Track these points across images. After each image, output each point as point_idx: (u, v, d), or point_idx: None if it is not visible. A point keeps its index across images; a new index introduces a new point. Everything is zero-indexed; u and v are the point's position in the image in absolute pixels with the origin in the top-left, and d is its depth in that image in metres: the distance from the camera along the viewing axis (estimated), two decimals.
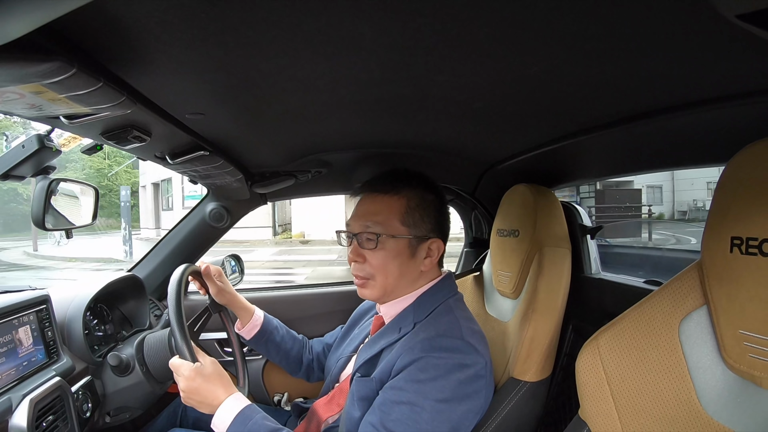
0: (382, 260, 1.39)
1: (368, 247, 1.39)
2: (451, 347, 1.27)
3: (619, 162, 1.69)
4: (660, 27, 0.74)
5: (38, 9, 0.53)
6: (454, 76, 1.02)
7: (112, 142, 1.27)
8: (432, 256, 1.42)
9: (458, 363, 1.25)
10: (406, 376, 1.24)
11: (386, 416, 1.22)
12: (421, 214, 1.40)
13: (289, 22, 0.76)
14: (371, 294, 1.44)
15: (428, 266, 1.43)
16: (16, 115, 1.01)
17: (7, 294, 1.47)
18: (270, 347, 1.83)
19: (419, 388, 1.21)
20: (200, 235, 2.39)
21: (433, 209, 1.42)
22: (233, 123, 1.38)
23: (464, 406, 1.24)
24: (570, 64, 0.92)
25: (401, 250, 1.39)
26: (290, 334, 1.90)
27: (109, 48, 0.83)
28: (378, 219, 1.39)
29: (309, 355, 1.90)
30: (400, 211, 1.39)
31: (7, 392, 1.28)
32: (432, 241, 1.41)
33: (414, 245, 1.39)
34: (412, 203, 1.40)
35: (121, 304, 2.00)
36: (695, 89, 1.00)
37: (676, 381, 0.95)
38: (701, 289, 0.93)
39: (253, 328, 1.79)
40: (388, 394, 1.25)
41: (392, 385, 1.26)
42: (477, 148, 1.78)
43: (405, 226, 1.39)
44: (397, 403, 1.22)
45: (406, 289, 1.44)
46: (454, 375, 1.24)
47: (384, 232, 1.37)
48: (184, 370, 1.33)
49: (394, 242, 1.38)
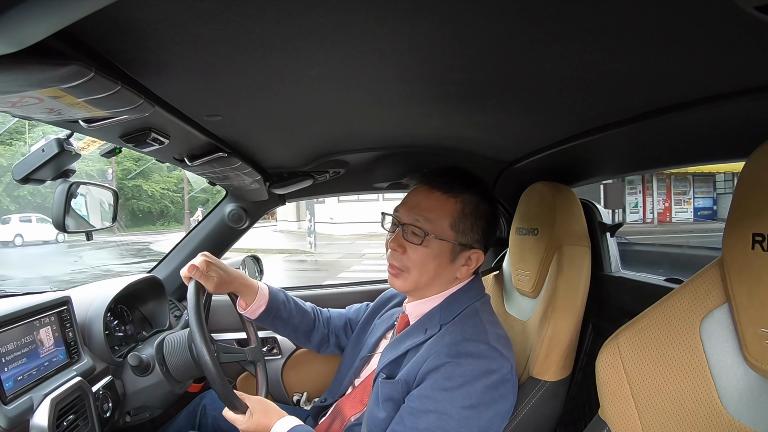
0: (422, 258, 1.38)
1: (412, 240, 1.38)
2: (477, 353, 1.27)
3: (637, 158, 1.67)
4: (677, 21, 0.73)
5: (55, 14, 0.53)
6: (468, 74, 1.01)
7: (131, 144, 1.28)
8: (470, 265, 1.41)
9: (484, 369, 1.25)
10: (432, 384, 1.24)
11: (414, 425, 1.22)
12: (472, 222, 1.39)
13: (303, 23, 0.76)
14: (402, 286, 1.43)
15: (464, 274, 1.42)
16: (35, 120, 1.02)
17: (29, 296, 1.49)
18: (277, 324, 1.74)
19: (446, 396, 1.21)
20: (219, 236, 2.40)
21: (484, 220, 1.41)
22: (250, 124, 1.39)
23: (491, 410, 1.24)
24: (586, 60, 0.91)
25: (443, 252, 1.38)
26: (299, 308, 1.79)
27: (126, 51, 0.83)
28: (430, 216, 1.37)
29: (324, 329, 1.84)
30: (453, 215, 1.38)
31: (28, 392, 1.29)
32: (474, 251, 1.40)
33: (456, 251, 1.39)
34: (467, 210, 1.39)
35: (141, 305, 2.02)
36: (714, 83, 0.98)
37: (697, 380, 0.93)
38: (722, 287, 0.91)
39: (258, 307, 1.66)
40: (415, 403, 1.25)
41: (419, 393, 1.25)
42: (494, 146, 1.77)
43: (453, 230, 1.37)
44: (425, 411, 1.22)
45: (435, 290, 1.44)
46: (480, 381, 1.23)
47: (432, 231, 1.36)
48: (240, 423, 1.35)
49: (438, 243, 1.37)
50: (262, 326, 1.77)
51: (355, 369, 1.61)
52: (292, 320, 1.75)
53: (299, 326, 1.78)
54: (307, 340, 1.82)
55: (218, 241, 2.41)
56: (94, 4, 0.52)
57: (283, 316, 1.71)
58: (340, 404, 1.58)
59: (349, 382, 1.62)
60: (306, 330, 1.80)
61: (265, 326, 1.76)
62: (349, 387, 1.61)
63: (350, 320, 1.88)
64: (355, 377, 1.61)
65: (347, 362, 1.70)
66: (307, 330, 1.80)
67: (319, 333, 1.82)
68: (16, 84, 0.73)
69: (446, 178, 1.41)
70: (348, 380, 1.62)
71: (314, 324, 1.82)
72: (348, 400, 1.56)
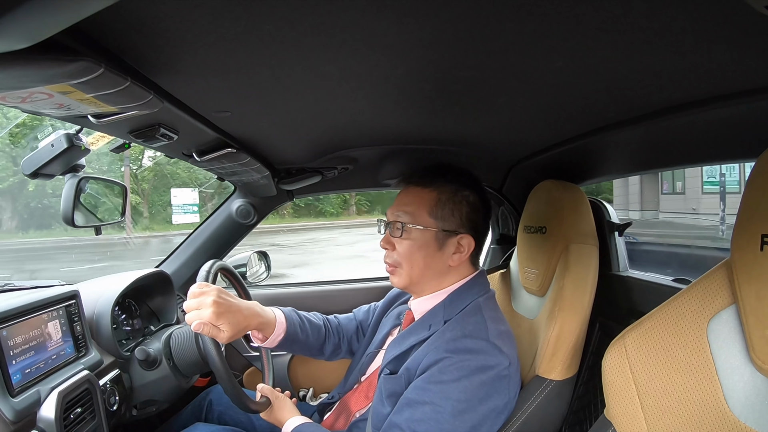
0: (408, 249, 1.42)
1: (395, 235, 1.44)
2: (475, 348, 1.28)
3: (646, 157, 1.66)
4: (688, 19, 0.72)
5: (66, 10, 0.53)
6: (478, 71, 1.01)
7: (140, 140, 1.29)
8: (461, 252, 1.42)
9: (481, 364, 1.26)
10: (430, 377, 1.26)
11: (410, 416, 1.23)
12: (451, 208, 1.41)
13: (313, 20, 0.76)
14: (398, 281, 1.47)
15: (456, 262, 1.43)
16: (45, 115, 1.02)
17: (38, 290, 1.49)
18: (295, 347, 1.74)
19: (441, 389, 1.23)
20: (227, 231, 2.41)
21: (465, 205, 1.42)
22: (259, 120, 1.39)
23: (486, 406, 1.25)
24: (596, 58, 0.90)
25: (427, 241, 1.41)
26: (313, 327, 1.78)
27: (135, 48, 0.84)
28: (408, 209, 1.43)
29: (335, 338, 1.83)
30: (430, 204, 1.41)
31: (35, 385, 1.30)
32: (462, 236, 1.41)
33: (441, 239, 1.41)
34: (443, 197, 1.42)
35: (149, 300, 2.03)
36: (725, 82, 0.97)
37: (703, 381, 0.93)
38: (730, 288, 0.91)
39: (278, 336, 1.62)
40: (412, 395, 1.27)
41: (416, 386, 1.27)
42: (503, 143, 1.77)
43: (433, 218, 1.41)
44: (421, 403, 1.24)
45: (433, 282, 1.45)
46: (476, 376, 1.24)
47: (411, 222, 1.41)
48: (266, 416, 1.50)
49: (420, 233, 1.40)
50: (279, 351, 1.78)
51: (361, 365, 1.63)
52: (308, 341, 1.74)
53: (314, 344, 1.78)
54: (321, 353, 1.82)
55: (226, 237, 2.42)
56: (104, 1, 0.52)
57: (300, 339, 1.68)
58: (345, 399, 1.59)
59: (355, 379, 1.62)
60: (320, 345, 1.80)
61: (283, 351, 1.73)
62: (355, 383, 1.62)
63: (360, 323, 1.89)
64: (361, 374, 1.62)
65: (355, 360, 1.72)
66: (321, 344, 1.80)
67: (331, 343, 1.81)
68: (26, 79, 0.74)
69: (421, 173, 1.47)
70: (354, 377, 1.63)
71: (326, 336, 1.82)
72: (353, 395, 1.57)
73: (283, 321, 1.62)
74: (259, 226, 2.44)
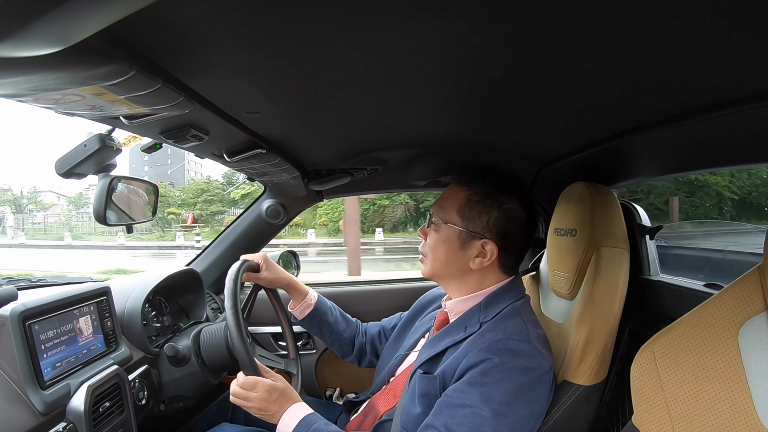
0: (434, 242, 1.46)
1: (428, 227, 1.49)
2: (518, 350, 1.27)
3: (678, 159, 1.63)
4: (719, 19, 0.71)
5: (98, 13, 0.54)
6: (508, 73, 1.00)
7: (171, 141, 1.31)
8: (483, 257, 1.40)
9: (523, 366, 1.25)
10: (471, 379, 1.24)
11: (450, 419, 1.22)
12: (479, 210, 1.40)
13: (342, 22, 0.76)
14: (424, 270, 1.51)
15: (477, 266, 1.41)
16: (78, 116, 1.04)
17: (70, 285, 1.52)
18: (323, 328, 1.86)
19: (482, 391, 1.22)
20: (257, 231, 2.44)
21: (496, 210, 1.40)
22: (289, 121, 1.40)
23: (526, 409, 1.24)
24: (626, 59, 0.89)
25: (451, 238, 1.42)
26: (344, 317, 1.92)
27: (166, 50, 0.85)
28: (443, 204, 1.46)
29: (362, 338, 1.90)
30: (461, 202, 1.42)
31: (66, 378, 1.32)
32: (485, 242, 1.40)
33: (464, 238, 1.41)
34: (475, 198, 1.41)
35: (179, 297, 2.06)
36: (756, 83, 0.95)
37: (733, 389, 0.91)
38: (762, 294, 0.89)
39: (306, 308, 1.82)
40: (452, 398, 1.25)
41: (456, 388, 1.26)
42: (532, 145, 1.75)
43: (460, 217, 1.41)
44: (461, 406, 1.22)
45: (456, 280, 1.46)
46: (518, 378, 1.23)
47: (441, 217, 1.45)
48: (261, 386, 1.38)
49: (446, 229, 1.43)
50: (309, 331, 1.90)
51: (390, 367, 1.62)
52: (337, 326, 1.87)
53: (344, 333, 1.88)
54: (351, 349, 1.90)
55: (256, 236, 2.44)
56: (136, 3, 0.53)
57: (329, 320, 1.85)
58: (373, 400, 1.59)
59: (383, 380, 1.62)
60: (350, 338, 1.89)
61: (312, 332, 1.88)
62: (383, 384, 1.61)
63: (384, 328, 1.92)
64: (390, 375, 1.61)
65: (383, 363, 1.71)
66: (351, 338, 1.89)
67: (358, 343, 1.90)
68: (59, 82, 0.75)
69: (464, 171, 1.48)
70: (382, 378, 1.63)
71: (356, 332, 1.91)
72: (381, 395, 1.57)
73: (314, 296, 1.86)
74: None
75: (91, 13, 0.53)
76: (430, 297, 1.78)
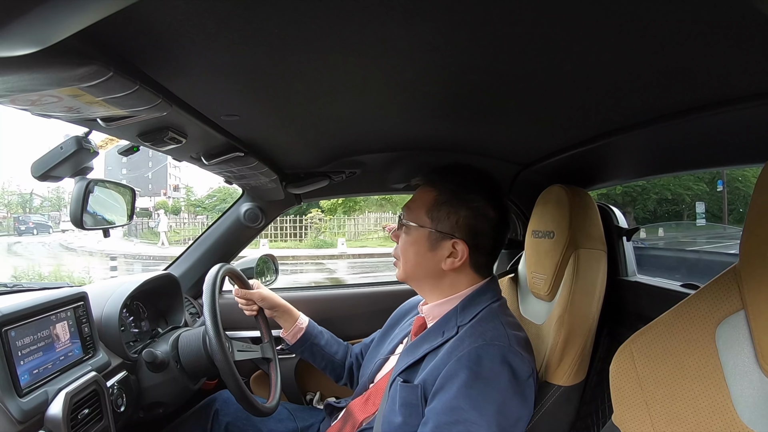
0: (404, 244, 1.46)
1: (399, 230, 1.48)
2: (499, 356, 1.25)
3: (655, 162, 1.65)
4: (696, 22, 0.72)
5: (77, 14, 0.53)
6: (486, 75, 1.01)
7: (148, 143, 1.29)
8: (455, 257, 1.39)
9: (508, 372, 1.24)
10: (457, 393, 1.21)
11: None
12: (448, 210, 1.39)
13: (321, 25, 0.76)
14: (398, 273, 1.50)
15: (449, 266, 1.40)
16: (55, 118, 1.03)
17: (46, 291, 1.50)
18: (315, 351, 1.86)
19: (471, 404, 1.20)
20: (235, 234, 2.42)
21: (465, 208, 1.39)
22: (268, 125, 1.39)
23: (516, 414, 1.24)
24: (604, 62, 0.90)
25: (420, 239, 1.42)
26: (335, 339, 1.93)
27: (145, 51, 0.84)
28: (411, 206, 1.46)
29: (350, 359, 1.89)
30: (428, 203, 1.41)
31: (43, 385, 1.30)
32: (456, 241, 1.39)
33: (434, 239, 1.39)
34: (442, 198, 1.40)
35: (157, 302, 2.04)
36: (731, 86, 0.96)
37: (711, 387, 0.92)
38: (739, 293, 0.90)
39: (298, 331, 1.84)
40: (443, 417, 1.21)
41: (445, 405, 1.22)
42: (511, 148, 1.77)
43: (429, 218, 1.41)
44: (453, 423, 1.19)
45: (429, 283, 1.46)
46: (504, 386, 1.23)
47: (409, 218, 1.44)
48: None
49: (415, 230, 1.43)
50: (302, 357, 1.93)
51: (370, 373, 1.61)
52: (329, 348, 1.89)
53: (335, 355, 1.89)
54: (343, 371, 1.90)
55: (233, 240, 2.43)
56: (116, 4, 0.53)
57: (320, 343, 1.87)
58: (351, 406, 1.57)
59: (363, 386, 1.61)
60: (342, 360, 1.90)
61: (304, 356, 1.91)
62: (363, 390, 1.60)
63: (365, 346, 1.90)
64: (369, 381, 1.60)
65: (364, 370, 1.70)
66: (342, 360, 1.90)
67: (348, 364, 1.90)
68: (36, 83, 0.74)
69: (431, 171, 1.48)
70: (363, 384, 1.62)
71: (347, 354, 1.92)
72: (359, 402, 1.55)
73: (304, 321, 1.89)
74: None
75: (70, 14, 0.53)
76: (409, 306, 1.77)
